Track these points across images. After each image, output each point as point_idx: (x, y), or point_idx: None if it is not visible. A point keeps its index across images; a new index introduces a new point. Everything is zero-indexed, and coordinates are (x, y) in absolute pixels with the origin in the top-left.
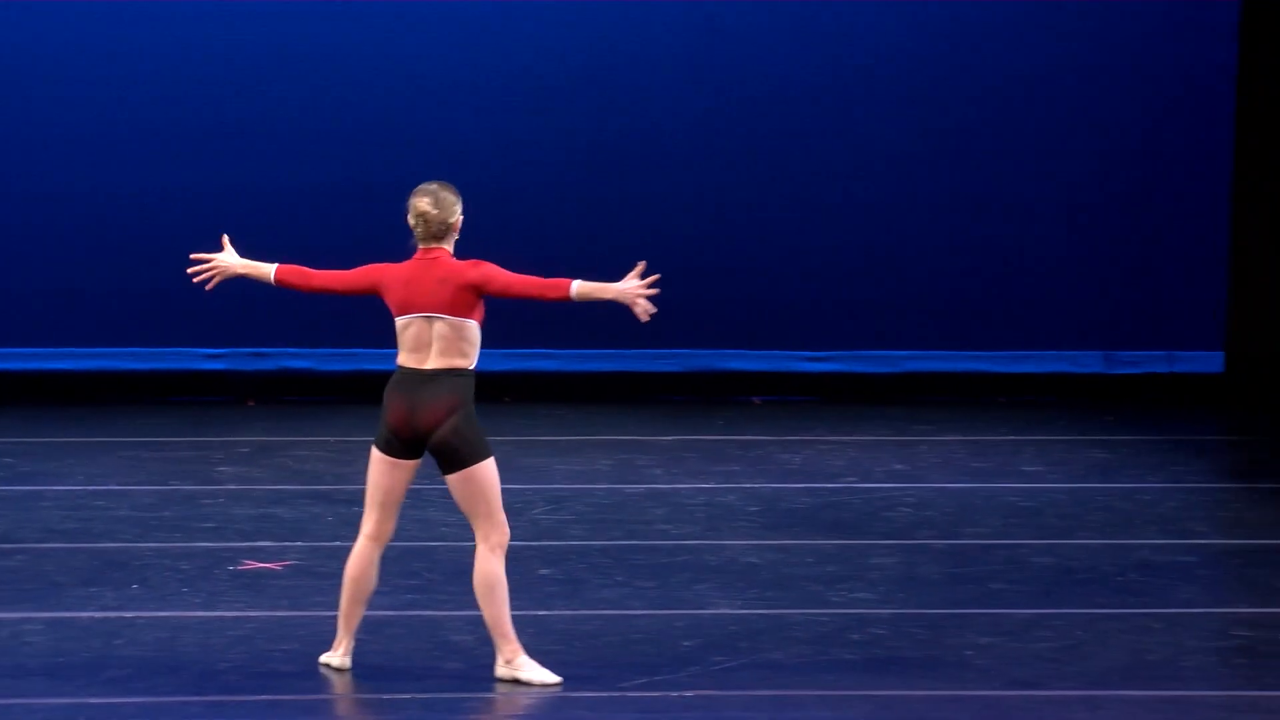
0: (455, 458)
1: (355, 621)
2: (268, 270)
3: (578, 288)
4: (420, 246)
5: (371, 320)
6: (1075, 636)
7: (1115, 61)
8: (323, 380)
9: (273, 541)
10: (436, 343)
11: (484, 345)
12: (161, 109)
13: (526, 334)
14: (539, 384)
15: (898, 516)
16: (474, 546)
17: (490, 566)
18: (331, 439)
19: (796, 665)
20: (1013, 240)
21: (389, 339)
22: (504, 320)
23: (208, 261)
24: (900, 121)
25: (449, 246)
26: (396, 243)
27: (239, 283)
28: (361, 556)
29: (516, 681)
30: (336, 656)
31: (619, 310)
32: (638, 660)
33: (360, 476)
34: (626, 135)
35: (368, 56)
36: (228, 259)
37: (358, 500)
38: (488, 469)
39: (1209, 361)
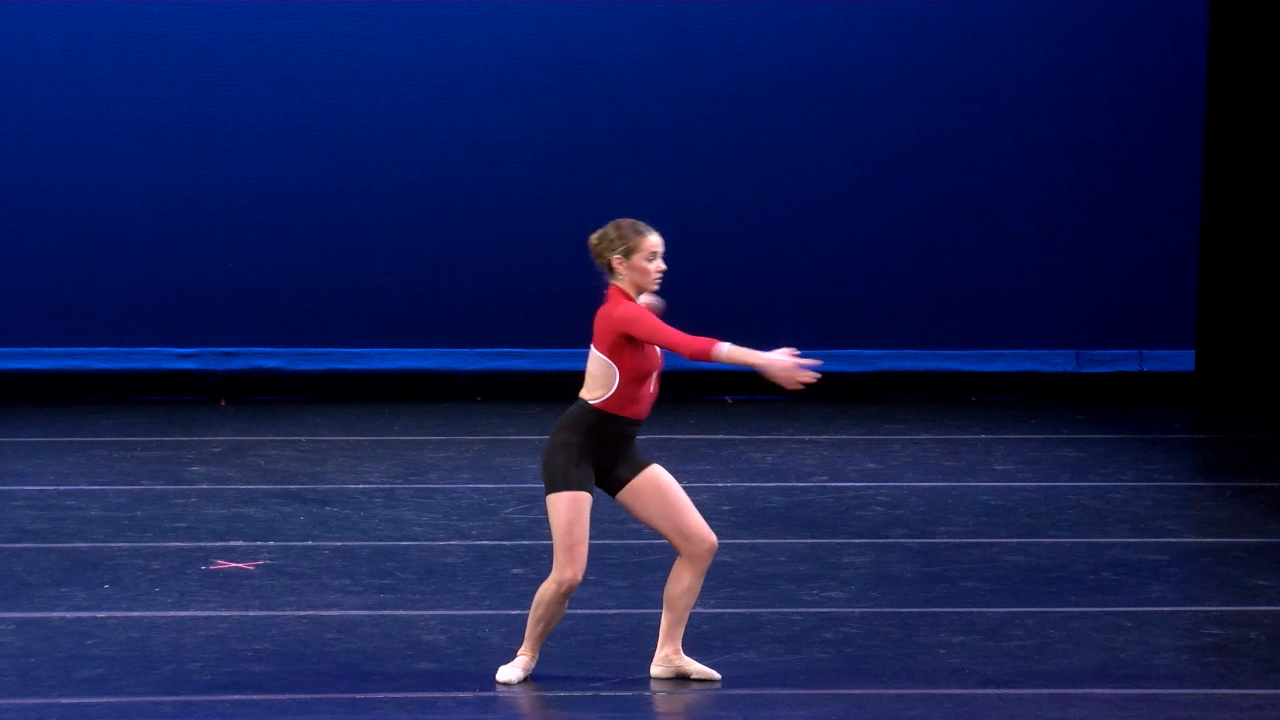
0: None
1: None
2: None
3: (727, 351)
4: None
5: (342, 321)
6: (1047, 635)
7: (1085, 63)
8: (294, 380)
9: (245, 541)
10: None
11: (460, 345)
12: (134, 108)
13: (499, 334)
14: (511, 383)
15: (870, 515)
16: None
17: (542, 587)
18: (303, 438)
19: (769, 664)
20: (984, 240)
21: (359, 339)
22: (476, 319)
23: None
24: (873, 124)
25: (619, 283)
26: (391, 241)
27: (211, 281)
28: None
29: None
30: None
31: (589, 309)
32: (611, 659)
33: (331, 475)
34: (600, 135)
35: (355, 59)
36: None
37: (330, 499)
38: (552, 503)
39: (1179, 360)
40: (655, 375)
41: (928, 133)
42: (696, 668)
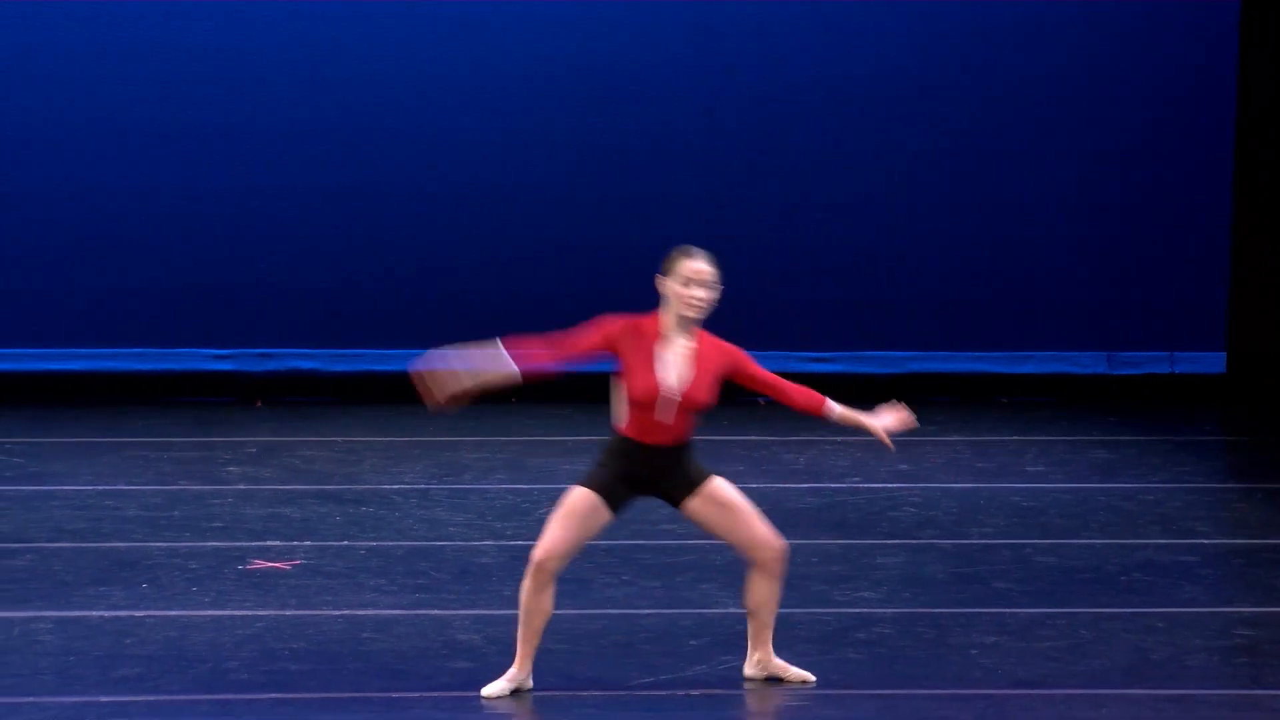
0: None
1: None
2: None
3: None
4: None
5: (377, 323)
6: (1079, 636)
7: (1116, 63)
8: (329, 381)
9: (281, 541)
10: None
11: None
12: (168, 108)
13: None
14: (545, 386)
15: (902, 516)
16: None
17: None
18: (338, 439)
19: (802, 664)
20: (1016, 242)
21: (393, 341)
22: (510, 322)
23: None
24: (903, 124)
25: (663, 307)
26: (425, 243)
27: (246, 283)
28: None
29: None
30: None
31: (622, 310)
32: (645, 659)
33: (367, 476)
34: (629, 136)
35: (371, 58)
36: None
37: (366, 500)
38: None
39: (1211, 362)
40: (670, 408)
41: (957, 135)
42: (792, 671)
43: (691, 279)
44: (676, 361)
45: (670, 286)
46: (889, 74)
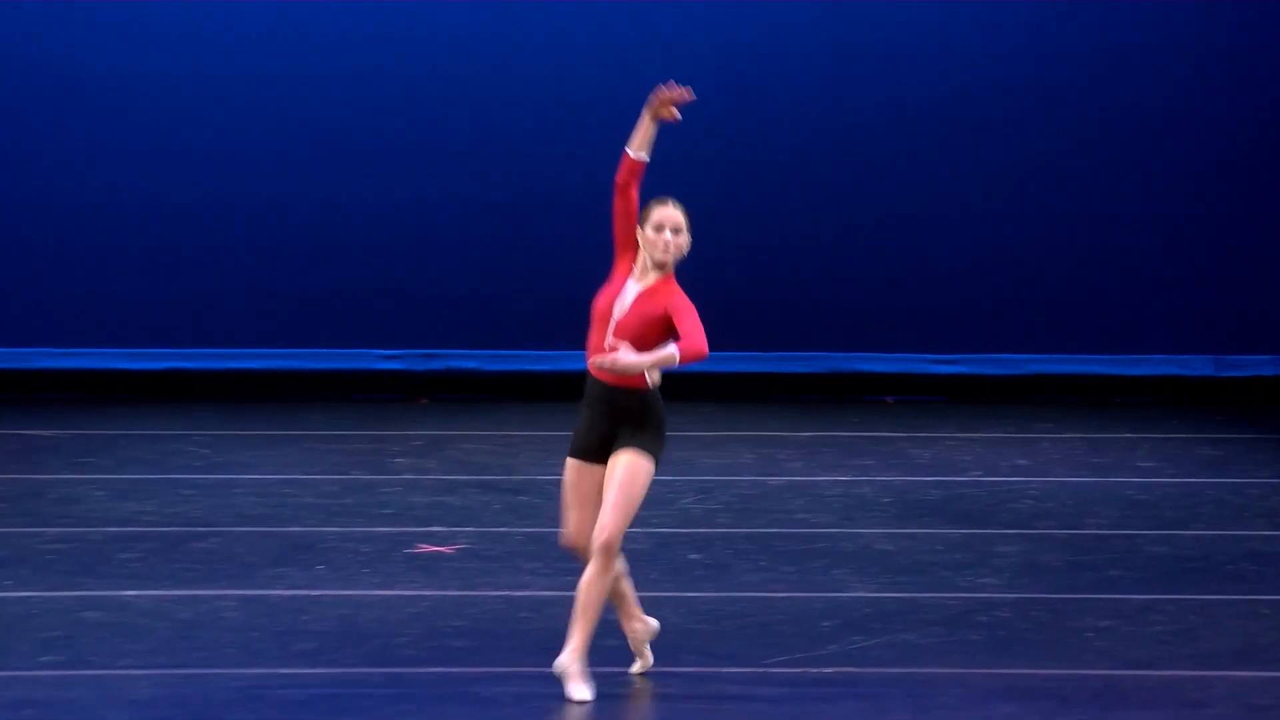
0: None
1: None
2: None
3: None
4: None
5: (533, 325)
6: (1188, 620)
7: (1226, 74)
8: (489, 379)
9: (444, 527)
10: None
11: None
12: (343, 128)
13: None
14: (688, 382)
15: (1020, 508)
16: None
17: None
18: (497, 433)
19: (927, 645)
20: (1129, 252)
21: (548, 343)
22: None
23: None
24: (1023, 137)
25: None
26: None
27: (414, 290)
28: None
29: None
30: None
31: (766, 318)
32: (780, 639)
33: (523, 467)
34: (768, 148)
35: (507, 78)
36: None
37: (522, 489)
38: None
39: None
40: (611, 328)
41: (1075, 146)
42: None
43: (662, 223)
44: (634, 292)
45: (643, 233)
46: (1012, 92)
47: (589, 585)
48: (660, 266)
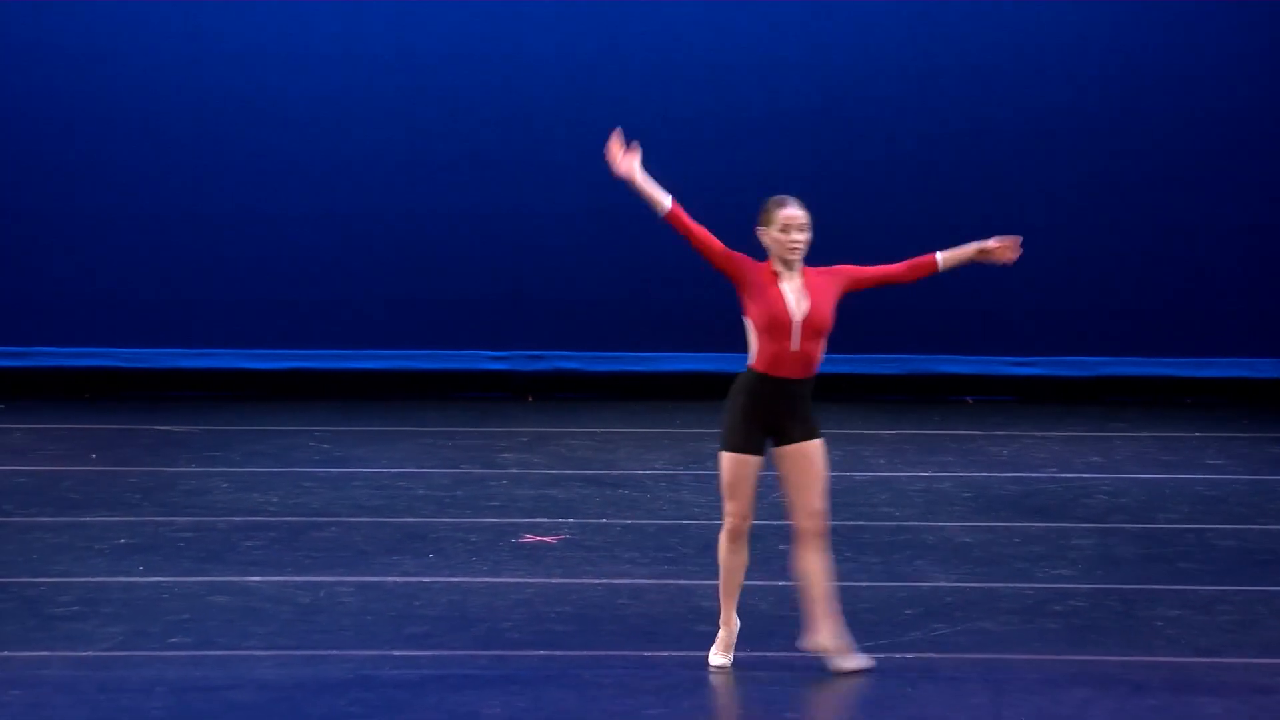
0: None
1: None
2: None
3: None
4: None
5: (632, 328)
6: (1256, 611)
7: None
8: (591, 379)
9: (548, 518)
10: None
11: (722, 349)
12: (453, 141)
13: None
14: None
15: (1095, 503)
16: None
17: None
18: (598, 430)
19: (1005, 633)
20: (1199, 258)
21: (647, 345)
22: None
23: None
24: (1100, 147)
25: (771, 258)
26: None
27: (521, 294)
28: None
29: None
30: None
31: (853, 323)
32: (865, 627)
33: (623, 462)
34: (855, 160)
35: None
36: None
37: (621, 483)
38: (719, 459)
39: None
40: (797, 332)
41: (1147, 158)
42: (839, 659)
43: (789, 225)
44: (794, 294)
45: (770, 235)
46: (1087, 103)
47: (814, 569)
48: (789, 264)
